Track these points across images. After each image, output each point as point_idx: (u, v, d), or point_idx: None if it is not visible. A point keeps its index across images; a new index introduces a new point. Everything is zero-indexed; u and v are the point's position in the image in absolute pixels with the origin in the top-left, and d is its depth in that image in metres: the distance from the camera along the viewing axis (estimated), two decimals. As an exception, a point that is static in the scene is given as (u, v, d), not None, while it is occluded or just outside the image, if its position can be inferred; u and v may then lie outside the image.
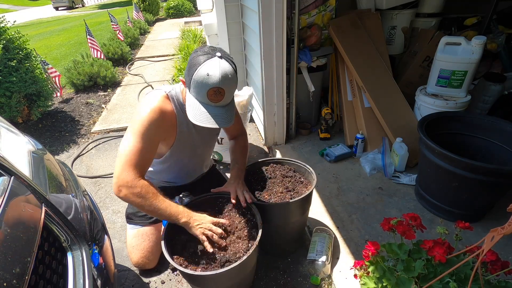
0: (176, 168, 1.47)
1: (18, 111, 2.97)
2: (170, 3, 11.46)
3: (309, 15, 2.41)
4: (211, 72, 0.99)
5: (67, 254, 0.92)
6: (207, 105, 1.06)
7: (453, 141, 1.79)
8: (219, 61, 1.01)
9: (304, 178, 1.53)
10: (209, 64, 1.00)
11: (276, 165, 1.60)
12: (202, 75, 1.00)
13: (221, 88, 1.02)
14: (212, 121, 1.05)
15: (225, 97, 1.05)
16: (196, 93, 1.05)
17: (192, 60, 1.05)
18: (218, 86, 1.01)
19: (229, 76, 1.02)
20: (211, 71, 1.00)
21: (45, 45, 8.20)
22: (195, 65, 1.02)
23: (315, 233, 1.55)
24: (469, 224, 1.00)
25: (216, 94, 1.03)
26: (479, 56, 1.93)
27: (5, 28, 2.89)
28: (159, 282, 1.52)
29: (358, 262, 1.07)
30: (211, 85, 1.00)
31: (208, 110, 1.06)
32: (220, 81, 1.00)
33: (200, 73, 1.01)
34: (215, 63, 1.01)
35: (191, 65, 1.04)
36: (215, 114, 1.06)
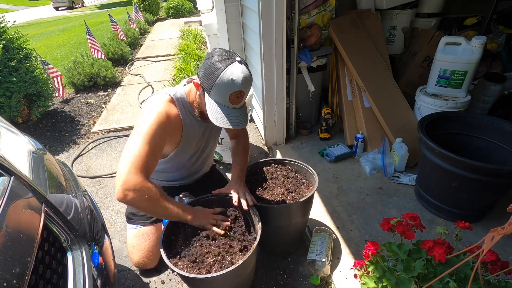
0: (179, 168, 1.47)
1: (18, 111, 2.97)
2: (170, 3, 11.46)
3: (309, 15, 2.41)
4: (235, 77, 1.04)
5: (67, 254, 0.91)
6: (227, 107, 1.11)
7: (453, 141, 1.79)
8: (240, 67, 1.06)
9: (305, 179, 1.52)
10: (233, 70, 1.04)
11: (278, 165, 1.60)
12: (226, 80, 1.04)
13: (242, 91, 1.08)
14: (234, 123, 1.11)
15: (243, 99, 1.12)
16: (218, 97, 1.09)
17: (211, 65, 1.06)
18: (241, 89, 1.07)
19: (249, 80, 1.09)
20: (235, 76, 1.04)
21: (45, 45, 8.20)
22: (217, 70, 1.05)
23: (315, 233, 1.55)
24: (469, 224, 1.00)
25: (238, 97, 1.09)
26: (479, 56, 1.93)
27: (5, 28, 2.89)
28: (159, 282, 1.52)
29: (358, 262, 1.07)
30: (234, 89, 1.05)
31: (228, 112, 1.11)
32: (243, 85, 1.06)
33: (224, 78, 1.04)
34: (237, 68, 1.05)
35: (210, 71, 1.06)
36: (236, 115, 1.12)
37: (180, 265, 1.10)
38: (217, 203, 1.35)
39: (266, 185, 1.48)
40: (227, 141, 2.20)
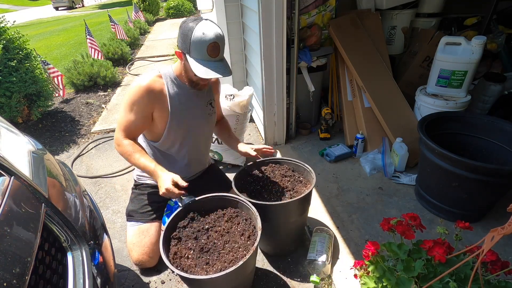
0: (175, 154, 1.52)
1: (18, 111, 2.97)
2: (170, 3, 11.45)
3: (309, 15, 2.41)
4: (206, 31, 1.16)
5: (67, 254, 0.91)
6: (207, 61, 1.21)
7: (453, 141, 1.79)
8: (208, 22, 1.20)
9: (303, 177, 1.53)
10: (201, 26, 1.17)
11: (275, 164, 1.60)
12: (199, 35, 1.16)
13: (216, 43, 1.19)
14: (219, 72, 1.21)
15: (220, 51, 1.22)
16: (197, 52, 1.20)
17: (184, 29, 1.20)
18: (215, 41, 1.18)
19: (220, 33, 1.20)
20: (205, 30, 1.17)
21: (45, 45, 8.20)
22: (190, 31, 1.18)
23: (315, 233, 1.55)
24: (469, 224, 1.00)
25: (214, 49, 1.19)
26: (479, 56, 1.94)
27: (5, 28, 2.89)
28: (159, 282, 1.52)
29: (358, 262, 1.07)
30: (208, 41, 1.17)
31: (211, 65, 1.21)
32: (215, 36, 1.18)
33: (196, 34, 1.17)
34: (206, 24, 1.18)
35: (185, 33, 1.20)
36: (217, 67, 1.22)
37: (179, 265, 1.10)
38: (218, 202, 1.34)
39: (264, 184, 1.49)
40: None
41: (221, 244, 1.18)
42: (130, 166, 2.48)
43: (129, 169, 2.46)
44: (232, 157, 2.27)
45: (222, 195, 1.35)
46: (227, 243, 1.18)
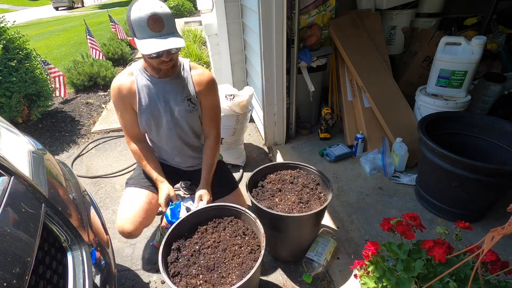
0: (164, 146, 1.51)
1: (18, 111, 2.97)
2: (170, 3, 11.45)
3: (309, 15, 2.41)
4: (142, 6, 1.11)
5: (67, 254, 0.92)
6: (154, 38, 1.14)
7: (453, 141, 1.79)
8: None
9: (323, 194, 1.45)
10: (137, 3, 1.13)
11: (303, 171, 1.55)
12: (135, 13, 1.11)
13: (155, 15, 1.11)
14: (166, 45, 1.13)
15: (165, 24, 1.14)
16: (140, 32, 1.14)
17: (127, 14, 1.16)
18: (153, 12, 1.10)
19: (158, 5, 1.12)
20: (141, 6, 1.11)
21: (45, 45, 8.20)
22: (128, 12, 1.14)
23: (321, 234, 1.54)
24: (469, 224, 1.00)
25: (156, 22, 1.12)
26: (479, 56, 1.93)
27: (5, 28, 2.89)
28: (159, 282, 1.52)
29: (358, 262, 1.07)
30: (146, 15, 1.10)
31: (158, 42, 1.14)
32: (152, 8, 1.10)
33: (133, 12, 1.12)
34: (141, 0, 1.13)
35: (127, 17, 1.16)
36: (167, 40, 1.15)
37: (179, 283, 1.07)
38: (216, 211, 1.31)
39: (282, 188, 1.45)
40: (227, 141, 2.20)
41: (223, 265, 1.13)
42: (130, 166, 2.48)
43: (129, 169, 2.46)
44: (232, 157, 2.27)
45: (228, 205, 1.30)
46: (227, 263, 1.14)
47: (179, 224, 1.22)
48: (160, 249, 1.13)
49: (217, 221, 1.28)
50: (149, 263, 1.64)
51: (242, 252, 1.16)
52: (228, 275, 1.09)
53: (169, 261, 1.14)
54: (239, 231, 1.23)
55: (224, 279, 1.08)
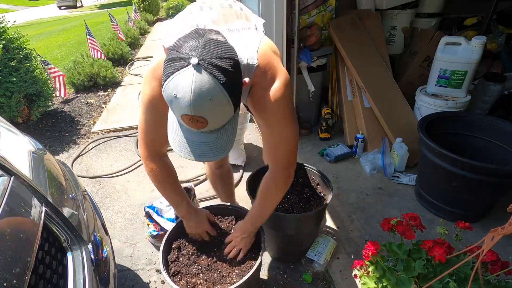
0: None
1: (18, 111, 2.97)
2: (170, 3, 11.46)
3: (309, 15, 2.41)
4: (180, 94, 0.66)
5: (67, 254, 0.92)
6: (185, 128, 0.76)
7: (453, 141, 1.79)
8: (193, 75, 0.65)
9: (323, 194, 1.46)
10: (179, 79, 0.66)
11: (302, 171, 1.54)
12: (169, 95, 0.68)
13: (196, 117, 0.69)
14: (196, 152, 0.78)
15: (209, 124, 0.72)
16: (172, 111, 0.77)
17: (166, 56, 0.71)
18: (191, 114, 0.68)
19: (208, 99, 0.66)
20: (180, 91, 0.66)
21: (45, 45, 8.20)
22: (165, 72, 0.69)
23: (321, 234, 1.54)
24: (469, 224, 1.00)
25: (194, 122, 0.71)
26: (479, 56, 1.93)
27: (5, 28, 2.89)
28: (159, 282, 1.52)
29: (358, 262, 1.07)
30: (181, 112, 0.69)
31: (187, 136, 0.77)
32: (192, 108, 0.67)
33: (167, 90, 0.68)
34: (187, 78, 0.65)
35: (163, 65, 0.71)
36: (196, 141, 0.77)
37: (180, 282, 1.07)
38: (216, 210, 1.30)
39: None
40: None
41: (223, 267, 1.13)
42: (130, 166, 2.48)
43: (129, 169, 2.46)
44: (232, 157, 2.27)
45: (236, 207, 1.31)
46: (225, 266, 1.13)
47: (179, 223, 1.22)
48: (161, 248, 1.13)
49: (218, 220, 1.28)
50: (149, 263, 1.64)
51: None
52: (228, 274, 1.09)
53: (170, 260, 1.14)
54: None
55: (224, 278, 1.08)
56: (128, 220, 1.94)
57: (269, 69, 0.88)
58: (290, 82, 0.93)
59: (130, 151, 2.73)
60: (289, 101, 0.93)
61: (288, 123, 0.94)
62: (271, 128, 0.96)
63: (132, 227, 1.88)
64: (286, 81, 0.90)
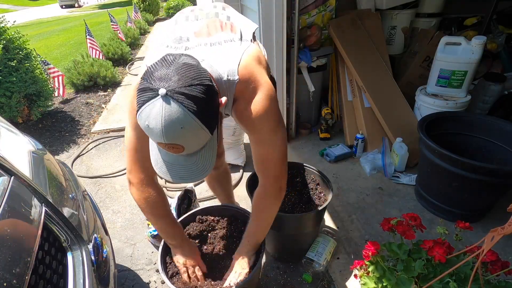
0: None
1: (18, 111, 2.97)
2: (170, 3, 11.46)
3: (309, 15, 2.40)
4: (152, 124, 0.67)
5: (67, 254, 0.92)
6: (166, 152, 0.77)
7: (453, 141, 1.79)
8: (162, 106, 0.65)
9: (323, 194, 1.45)
10: (149, 110, 0.67)
11: (303, 171, 1.54)
12: (143, 125, 0.69)
13: (171, 145, 0.70)
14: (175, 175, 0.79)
15: (186, 149, 0.73)
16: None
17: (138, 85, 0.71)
18: (165, 143, 0.70)
19: (180, 128, 0.67)
20: (152, 122, 0.67)
21: (45, 45, 8.20)
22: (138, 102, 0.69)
23: (321, 234, 1.54)
24: (469, 224, 1.00)
25: (170, 148, 0.72)
26: (479, 56, 1.93)
27: (5, 28, 2.89)
28: (159, 282, 1.52)
29: (358, 262, 1.07)
30: (156, 140, 0.71)
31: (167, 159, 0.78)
32: (164, 137, 0.68)
33: (140, 120, 0.69)
34: (156, 109, 0.66)
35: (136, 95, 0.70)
36: (178, 164, 0.78)
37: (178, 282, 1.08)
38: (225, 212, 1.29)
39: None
40: (227, 141, 2.20)
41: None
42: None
43: (129, 169, 2.46)
44: (232, 157, 2.27)
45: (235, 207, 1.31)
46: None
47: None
48: (160, 249, 1.13)
49: (217, 221, 1.28)
50: (149, 263, 1.64)
51: None
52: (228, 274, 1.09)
53: (168, 261, 1.14)
54: (239, 231, 1.23)
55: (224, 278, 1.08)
56: (128, 220, 1.94)
57: (251, 82, 0.86)
58: (273, 92, 0.92)
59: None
60: (274, 113, 0.92)
61: (273, 135, 0.93)
62: (257, 141, 0.96)
63: (132, 227, 1.88)
64: (269, 92, 0.89)
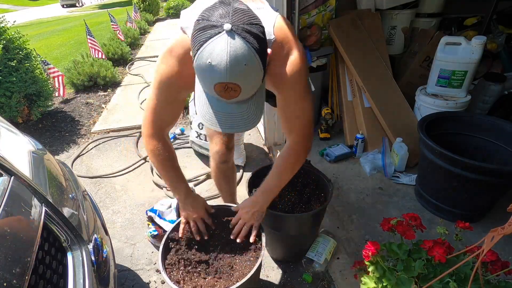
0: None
1: (18, 111, 2.97)
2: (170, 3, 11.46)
3: (309, 15, 2.40)
4: (215, 61, 0.65)
5: (67, 254, 0.92)
6: (217, 100, 0.76)
7: (453, 141, 1.79)
8: (228, 41, 0.65)
9: (323, 194, 1.44)
10: (213, 47, 0.65)
11: (303, 171, 1.51)
12: (203, 64, 0.67)
13: (230, 84, 0.69)
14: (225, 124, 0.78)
15: (242, 92, 0.72)
16: (201, 83, 0.76)
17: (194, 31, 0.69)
18: (226, 81, 0.68)
19: (243, 64, 0.66)
20: (215, 58, 0.65)
21: (45, 45, 8.20)
22: (195, 44, 0.68)
23: (321, 234, 1.54)
24: (469, 224, 1.00)
25: (227, 91, 0.70)
26: (479, 56, 1.93)
27: (5, 28, 2.89)
28: (159, 282, 1.52)
29: (358, 262, 1.07)
30: (215, 80, 0.68)
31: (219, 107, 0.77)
32: (227, 74, 0.66)
33: (201, 59, 0.67)
34: (221, 45, 0.65)
35: (193, 40, 0.69)
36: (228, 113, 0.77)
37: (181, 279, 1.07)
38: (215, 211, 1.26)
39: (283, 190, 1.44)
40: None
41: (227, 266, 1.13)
42: (130, 166, 2.48)
43: (129, 169, 2.46)
44: (232, 157, 2.27)
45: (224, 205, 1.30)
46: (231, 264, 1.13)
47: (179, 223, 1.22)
48: (160, 249, 1.13)
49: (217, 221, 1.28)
50: (149, 263, 1.64)
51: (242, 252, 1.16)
52: (228, 274, 1.09)
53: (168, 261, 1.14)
54: None
55: (224, 278, 1.08)
56: (128, 220, 1.94)
57: (286, 43, 0.88)
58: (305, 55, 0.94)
59: (130, 151, 2.73)
60: (306, 74, 0.95)
61: (305, 95, 0.96)
62: (288, 101, 0.97)
63: (132, 227, 1.88)
64: (303, 54, 0.90)
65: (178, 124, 3.16)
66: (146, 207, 2.00)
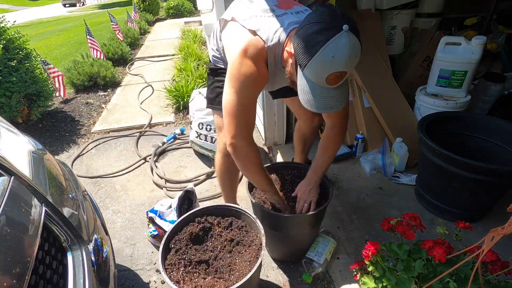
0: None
1: (18, 111, 2.97)
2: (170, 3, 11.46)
3: (309, 15, 2.40)
4: (338, 54, 0.81)
5: (67, 254, 0.92)
6: (322, 87, 0.91)
7: (453, 141, 1.79)
8: (348, 37, 0.80)
9: (323, 194, 1.42)
10: (336, 44, 0.80)
11: (303, 171, 1.51)
12: (327, 58, 0.82)
13: (345, 72, 0.87)
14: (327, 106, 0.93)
15: (344, 78, 0.90)
16: (313, 76, 0.89)
17: (307, 36, 0.84)
18: (343, 70, 0.85)
19: (355, 57, 0.84)
20: (338, 52, 0.80)
21: (45, 45, 8.20)
22: (315, 45, 0.82)
23: (321, 234, 1.54)
24: (469, 224, 1.00)
25: (337, 78, 0.88)
26: (479, 56, 1.93)
27: (5, 28, 2.89)
28: (159, 282, 1.52)
29: (358, 262, 1.07)
30: (335, 70, 0.84)
31: (322, 94, 0.91)
32: (348, 64, 0.83)
33: (324, 56, 0.82)
34: (343, 41, 0.80)
35: (307, 43, 0.84)
36: (331, 96, 0.93)
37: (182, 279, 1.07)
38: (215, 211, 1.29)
39: (283, 188, 1.44)
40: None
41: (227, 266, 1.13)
42: (130, 166, 2.48)
43: (129, 169, 2.46)
44: (232, 157, 2.27)
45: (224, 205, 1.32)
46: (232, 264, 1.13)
47: (178, 223, 1.22)
48: (160, 249, 1.13)
49: (217, 221, 1.28)
50: (149, 263, 1.64)
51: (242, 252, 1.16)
52: (228, 274, 1.09)
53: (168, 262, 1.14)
54: (239, 231, 1.23)
55: (224, 278, 1.08)
56: (128, 220, 1.94)
57: None
58: None
59: (130, 151, 2.73)
60: None
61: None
62: None
63: (132, 227, 1.88)
64: None
65: (178, 124, 3.16)
66: (146, 207, 2.00)
